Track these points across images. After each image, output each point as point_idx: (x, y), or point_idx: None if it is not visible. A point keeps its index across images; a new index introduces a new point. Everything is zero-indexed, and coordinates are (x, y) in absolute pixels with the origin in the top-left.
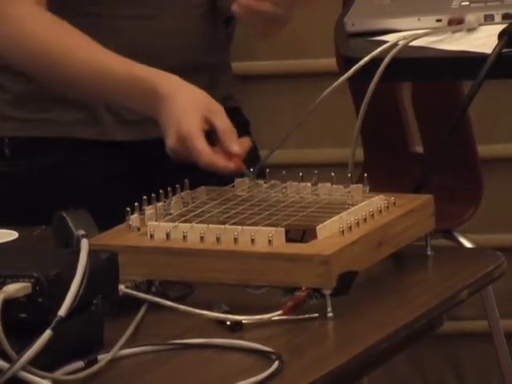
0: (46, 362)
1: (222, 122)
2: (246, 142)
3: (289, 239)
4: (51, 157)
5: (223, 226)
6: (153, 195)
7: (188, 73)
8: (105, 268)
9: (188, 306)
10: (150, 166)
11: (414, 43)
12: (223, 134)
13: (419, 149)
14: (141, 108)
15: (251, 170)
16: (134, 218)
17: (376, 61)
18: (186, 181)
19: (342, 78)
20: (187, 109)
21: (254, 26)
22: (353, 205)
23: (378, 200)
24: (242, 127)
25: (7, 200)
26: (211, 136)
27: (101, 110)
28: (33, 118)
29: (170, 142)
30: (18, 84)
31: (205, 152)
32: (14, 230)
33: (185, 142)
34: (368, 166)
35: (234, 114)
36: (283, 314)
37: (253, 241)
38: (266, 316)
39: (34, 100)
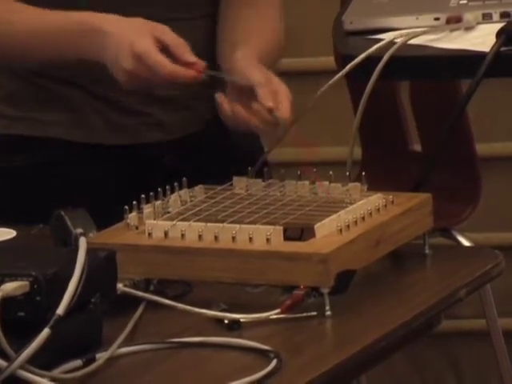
0: (44, 360)
1: (173, 38)
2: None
3: (287, 238)
4: (42, 155)
5: (221, 225)
6: (151, 193)
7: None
8: (103, 266)
9: (186, 305)
10: (140, 168)
11: (412, 42)
12: (177, 47)
13: (417, 147)
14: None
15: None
16: (132, 217)
17: (374, 59)
18: (184, 179)
19: (337, 76)
20: (136, 30)
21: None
22: (351, 203)
23: (376, 198)
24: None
25: (2, 197)
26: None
27: (89, 112)
28: (22, 116)
29: (127, 63)
30: (11, 82)
31: (166, 63)
32: (11, 228)
33: (142, 60)
34: (366, 164)
35: None
36: (281, 313)
37: (251, 239)
38: (264, 314)
39: (23, 99)
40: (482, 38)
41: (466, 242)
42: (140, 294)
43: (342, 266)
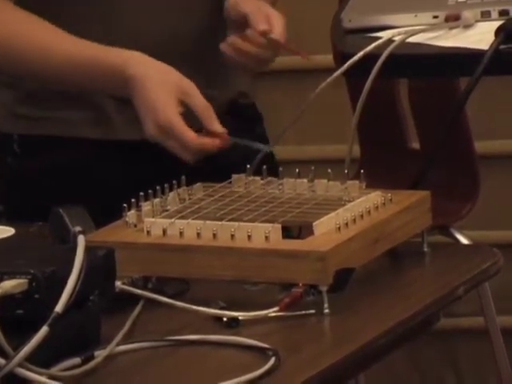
0: (42, 358)
1: (199, 103)
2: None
3: (285, 235)
4: (60, 155)
5: (220, 223)
6: (149, 191)
7: (193, 67)
8: (101, 264)
9: (185, 303)
10: (162, 165)
11: (411, 40)
12: (202, 114)
13: (416, 145)
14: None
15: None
16: (130, 215)
17: (372, 57)
18: (183, 177)
19: (335, 74)
20: (160, 94)
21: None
22: (349, 201)
23: (375, 196)
24: (255, 122)
25: (15, 196)
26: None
27: (110, 110)
28: (43, 116)
29: (150, 130)
30: (28, 82)
31: (191, 139)
32: (10, 226)
33: (167, 132)
34: (365, 162)
35: (247, 109)
36: (280, 311)
37: (249, 237)
38: (263, 312)
39: (44, 98)
40: (480, 36)
41: (464, 240)
42: (138, 291)
43: (341, 263)
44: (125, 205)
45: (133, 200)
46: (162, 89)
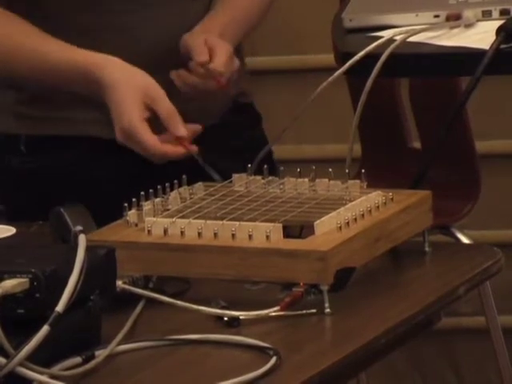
0: (43, 357)
1: (164, 108)
2: (192, 126)
3: (286, 235)
4: (66, 155)
5: (221, 222)
6: (150, 191)
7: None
8: (102, 264)
9: (185, 302)
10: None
11: (412, 39)
12: (166, 120)
13: (417, 145)
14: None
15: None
16: (131, 214)
17: (373, 56)
18: (184, 177)
19: (336, 73)
20: (125, 98)
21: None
22: (350, 201)
23: (376, 196)
24: (254, 122)
25: (20, 196)
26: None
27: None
28: (48, 116)
29: (117, 135)
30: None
31: (151, 144)
32: (11, 225)
33: (130, 136)
34: (366, 161)
35: (246, 108)
36: (281, 310)
37: (250, 236)
38: (264, 312)
39: (49, 99)
40: (481, 36)
41: (465, 240)
42: (139, 291)
43: (342, 263)
44: (126, 204)
45: (134, 199)
46: (129, 93)
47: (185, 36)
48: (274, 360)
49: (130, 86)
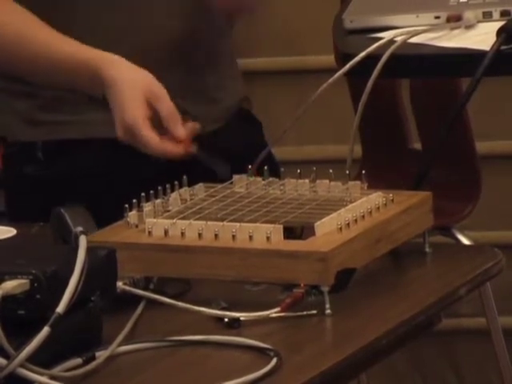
0: (44, 358)
1: (165, 108)
2: (191, 125)
3: (287, 236)
4: (84, 158)
5: (221, 223)
6: (151, 192)
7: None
8: (103, 265)
9: (186, 303)
10: (175, 163)
11: (413, 40)
12: (167, 120)
13: (417, 145)
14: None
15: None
16: (132, 215)
17: (374, 58)
18: (185, 177)
19: (337, 74)
20: (129, 96)
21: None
22: (351, 202)
23: (376, 197)
24: (258, 127)
25: (37, 203)
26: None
27: None
28: (66, 120)
29: (118, 131)
30: (45, 90)
31: (152, 141)
32: (12, 226)
33: (131, 132)
34: (366, 162)
35: (251, 113)
36: (281, 311)
37: (251, 238)
38: (264, 313)
39: (67, 102)
40: (482, 37)
41: (465, 241)
42: (140, 292)
43: (342, 264)
44: (126, 205)
45: (134, 200)
46: (132, 91)
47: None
48: (274, 361)
49: (134, 84)
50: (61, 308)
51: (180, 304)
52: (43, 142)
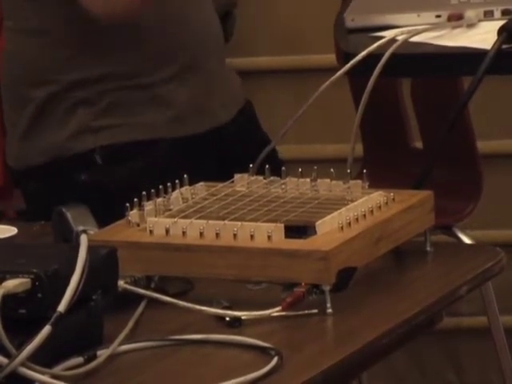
0: (45, 357)
1: None
2: None
3: (288, 235)
4: (142, 160)
5: (223, 222)
6: (152, 191)
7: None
8: (104, 264)
9: (187, 302)
10: (225, 158)
11: (414, 39)
12: None
13: (418, 145)
14: None
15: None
16: (133, 214)
17: (375, 57)
18: (186, 176)
19: (338, 73)
20: None
21: None
22: (352, 201)
23: (378, 196)
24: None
25: (98, 208)
26: None
27: (184, 105)
28: (125, 122)
29: None
30: (103, 96)
31: None
32: (13, 225)
33: None
34: (367, 161)
35: (254, 116)
36: (282, 310)
37: (252, 237)
38: (266, 312)
39: (125, 105)
40: (483, 36)
41: (467, 240)
42: (141, 291)
43: (343, 263)
44: (127, 204)
45: (135, 199)
46: None
47: None
48: (275, 360)
49: None
50: (62, 307)
51: (181, 303)
52: (101, 147)
